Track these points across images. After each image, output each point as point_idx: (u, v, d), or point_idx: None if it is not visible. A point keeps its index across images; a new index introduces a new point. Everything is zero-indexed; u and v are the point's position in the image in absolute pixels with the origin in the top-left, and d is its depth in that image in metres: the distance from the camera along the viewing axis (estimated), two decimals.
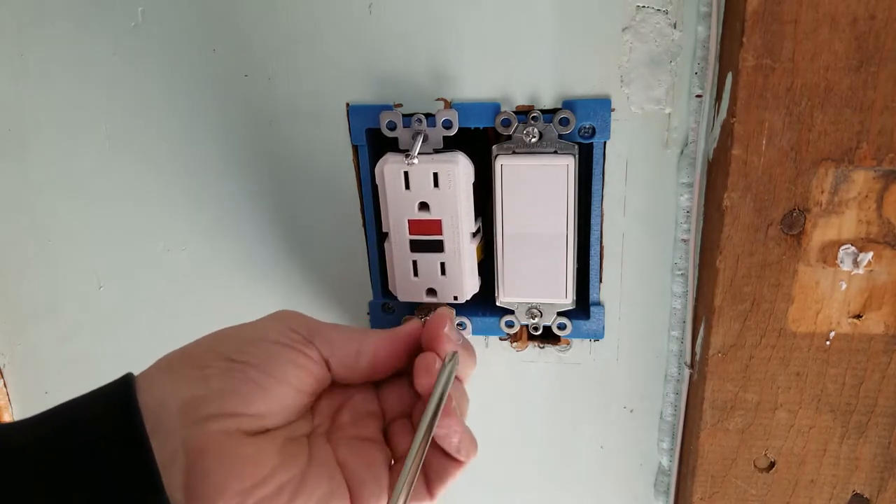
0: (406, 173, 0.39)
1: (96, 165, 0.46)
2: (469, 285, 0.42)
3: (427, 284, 0.42)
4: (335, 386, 0.33)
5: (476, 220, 0.42)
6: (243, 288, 0.48)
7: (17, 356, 0.54)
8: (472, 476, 0.51)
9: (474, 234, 0.42)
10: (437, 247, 0.41)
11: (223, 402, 0.27)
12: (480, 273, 0.43)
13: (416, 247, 0.41)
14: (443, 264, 0.41)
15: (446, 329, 0.33)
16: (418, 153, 0.38)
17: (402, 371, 0.34)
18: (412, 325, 0.34)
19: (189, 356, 0.29)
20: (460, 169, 0.39)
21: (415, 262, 0.42)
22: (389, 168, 0.39)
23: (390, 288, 0.44)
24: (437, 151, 0.40)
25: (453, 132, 0.40)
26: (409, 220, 0.41)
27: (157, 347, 0.29)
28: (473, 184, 0.41)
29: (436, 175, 0.39)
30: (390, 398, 0.34)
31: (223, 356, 0.28)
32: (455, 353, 0.33)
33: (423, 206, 0.40)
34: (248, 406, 0.27)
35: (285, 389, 0.29)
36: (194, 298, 0.49)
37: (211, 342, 0.30)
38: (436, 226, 0.40)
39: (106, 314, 0.51)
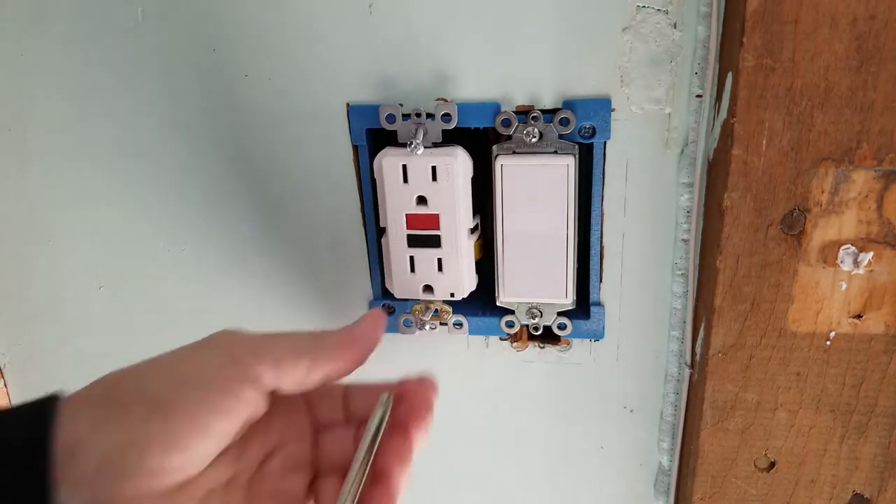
0: (404, 167, 0.39)
1: (96, 165, 0.46)
2: (466, 282, 0.42)
3: (424, 281, 0.42)
4: (272, 422, 0.31)
5: (474, 216, 0.42)
6: (244, 287, 0.48)
7: (17, 356, 0.54)
8: (473, 476, 0.51)
9: (472, 231, 0.42)
10: (435, 242, 0.41)
11: (141, 456, 0.25)
12: (480, 273, 0.43)
13: (414, 242, 0.41)
14: (440, 260, 0.41)
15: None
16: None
17: (349, 416, 0.33)
18: (370, 327, 0.32)
19: (115, 396, 0.27)
20: (459, 163, 0.39)
21: (412, 258, 0.42)
22: (388, 161, 0.39)
23: (387, 285, 0.44)
24: (435, 145, 0.40)
25: (452, 125, 0.40)
26: (406, 215, 0.41)
27: (156, 347, 0.29)
28: (472, 180, 0.41)
29: (434, 169, 0.39)
30: (328, 448, 0.32)
31: (148, 397, 0.27)
32: (389, 394, 0.31)
33: (421, 200, 0.40)
34: (165, 460, 0.26)
35: (209, 441, 0.27)
36: (194, 297, 0.49)
37: (141, 376, 0.28)
38: (433, 220, 0.40)
39: (106, 314, 0.51)
